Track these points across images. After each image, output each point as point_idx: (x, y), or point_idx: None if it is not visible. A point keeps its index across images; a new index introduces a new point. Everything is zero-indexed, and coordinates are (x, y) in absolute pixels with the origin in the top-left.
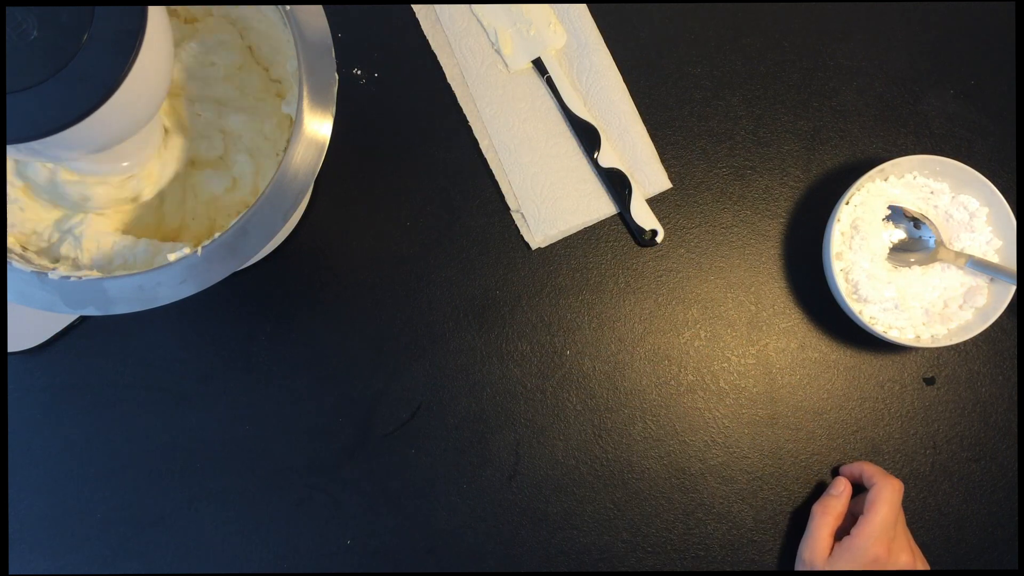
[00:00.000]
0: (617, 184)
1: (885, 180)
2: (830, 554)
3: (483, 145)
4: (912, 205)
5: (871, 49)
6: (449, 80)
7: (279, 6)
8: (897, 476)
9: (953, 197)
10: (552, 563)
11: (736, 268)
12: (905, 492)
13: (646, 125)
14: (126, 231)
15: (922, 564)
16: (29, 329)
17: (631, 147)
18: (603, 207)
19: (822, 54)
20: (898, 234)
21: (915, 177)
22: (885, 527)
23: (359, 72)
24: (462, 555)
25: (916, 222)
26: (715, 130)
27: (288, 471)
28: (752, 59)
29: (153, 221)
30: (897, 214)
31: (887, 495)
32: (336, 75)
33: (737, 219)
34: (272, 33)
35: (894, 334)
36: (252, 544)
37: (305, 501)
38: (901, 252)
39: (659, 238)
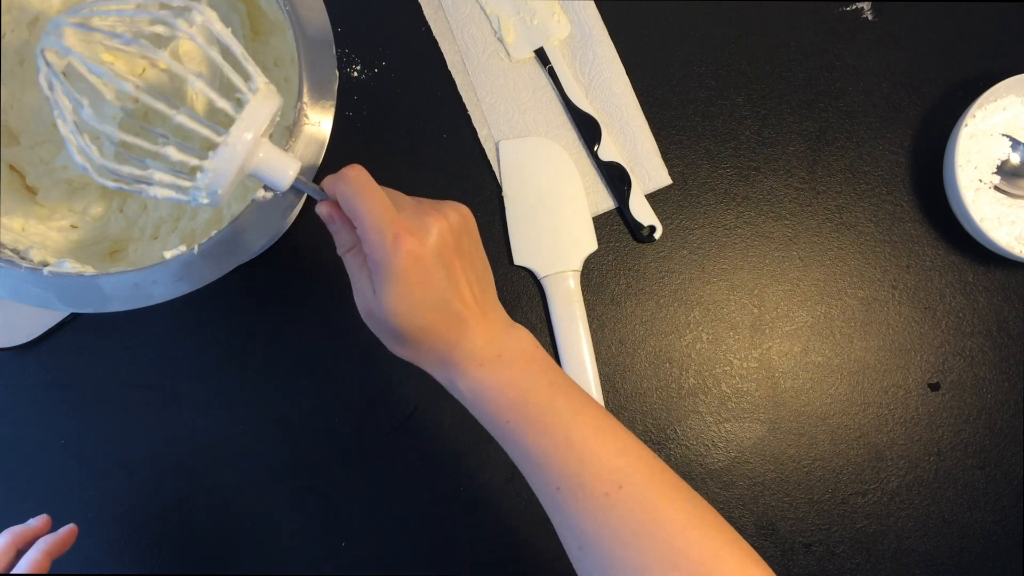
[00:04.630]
0: (616, 178)
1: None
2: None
3: (482, 135)
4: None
5: (878, 49)
6: (450, 67)
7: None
8: (900, 483)
9: None
10: (550, 566)
11: (739, 270)
12: (909, 499)
13: (649, 123)
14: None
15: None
16: (21, 325)
17: (632, 141)
18: (602, 201)
19: (828, 54)
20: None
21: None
22: (382, 206)
23: (359, 68)
24: (459, 558)
25: None
26: (719, 130)
27: (283, 472)
28: (757, 58)
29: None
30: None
31: (348, 180)
32: (336, 71)
33: (741, 220)
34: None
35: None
36: (245, 545)
37: (300, 502)
38: (1013, 177)
39: (657, 234)
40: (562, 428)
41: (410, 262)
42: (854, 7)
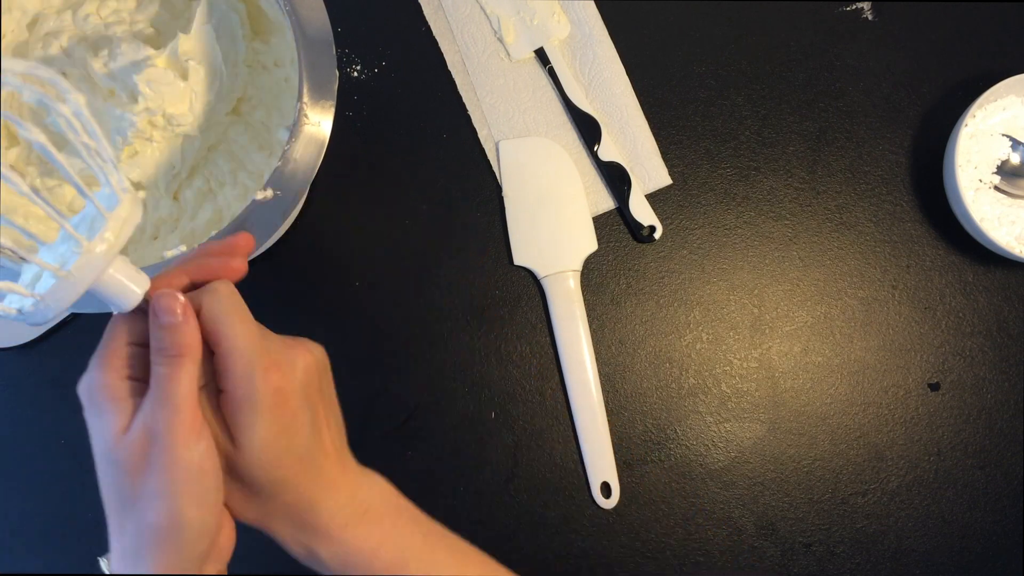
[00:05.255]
0: (616, 178)
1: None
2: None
3: (482, 135)
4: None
5: (878, 49)
6: (450, 67)
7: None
8: (900, 483)
9: None
10: (549, 567)
11: (739, 270)
12: (909, 499)
13: (649, 123)
14: None
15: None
16: (20, 325)
17: (632, 141)
18: (601, 201)
19: (828, 54)
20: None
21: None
22: (253, 334)
23: (359, 68)
24: None
25: None
26: (719, 130)
27: None
28: (757, 58)
29: None
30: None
31: (215, 296)
32: (336, 71)
33: (741, 220)
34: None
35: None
36: (245, 545)
37: None
38: (1013, 177)
39: (657, 234)
40: None
41: (277, 401)
42: (854, 7)
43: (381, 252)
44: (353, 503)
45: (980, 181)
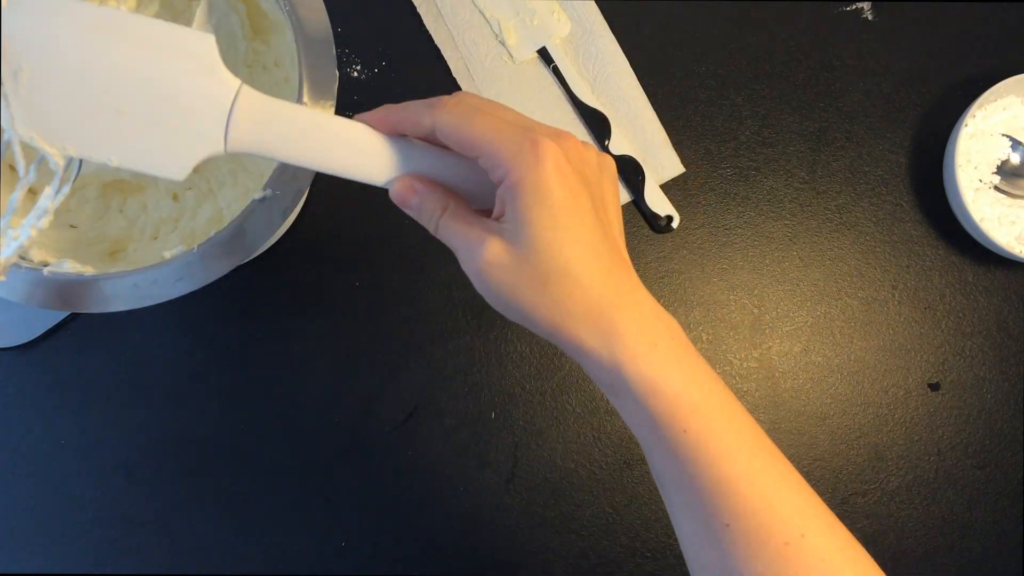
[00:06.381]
0: (630, 171)
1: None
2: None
3: None
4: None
5: (878, 49)
6: (454, 74)
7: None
8: (900, 483)
9: None
10: (549, 567)
11: (739, 270)
12: (909, 498)
13: None
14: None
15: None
16: (21, 325)
17: (641, 133)
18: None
19: (828, 54)
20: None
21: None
22: (502, 121)
23: (359, 68)
24: (458, 558)
25: None
26: (719, 130)
27: (282, 471)
28: (758, 58)
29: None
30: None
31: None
32: (336, 71)
33: (741, 220)
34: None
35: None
36: (245, 545)
37: (299, 502)
38: (1013, 177)
39: (675, 224)
40: (746, 451)
41: (558, 177)
42: (854, 7)
43: (380, 252)
44: (660, 322)
45: (980, 181)
